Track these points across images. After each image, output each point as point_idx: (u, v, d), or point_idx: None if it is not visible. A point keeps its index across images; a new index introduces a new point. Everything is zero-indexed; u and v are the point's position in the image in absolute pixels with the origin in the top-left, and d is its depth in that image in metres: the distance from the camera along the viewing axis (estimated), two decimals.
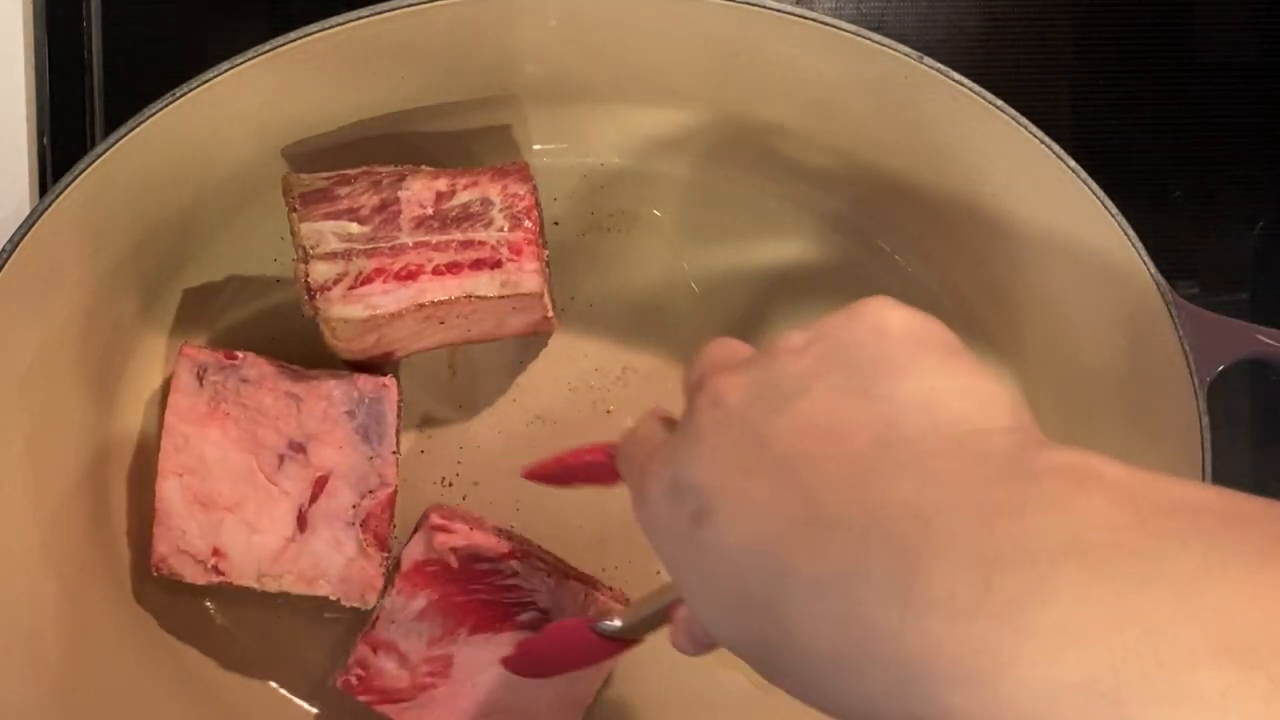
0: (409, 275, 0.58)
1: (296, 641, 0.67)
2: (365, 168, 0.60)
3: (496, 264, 0.59)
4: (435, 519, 0.62)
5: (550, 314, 0.61)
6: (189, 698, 0.65)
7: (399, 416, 0.62)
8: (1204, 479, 0.57)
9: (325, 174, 0.59)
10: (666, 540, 0.36)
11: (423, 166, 0.61)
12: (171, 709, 0.64)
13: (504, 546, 0.62)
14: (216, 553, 0.61)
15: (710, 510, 0.34)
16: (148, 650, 0.65)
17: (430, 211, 0.59)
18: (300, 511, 0.61)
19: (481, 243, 0.59)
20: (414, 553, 0.62)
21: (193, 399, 0.61)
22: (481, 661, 0.63)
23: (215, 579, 0.61)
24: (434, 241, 0.59)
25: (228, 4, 0.67)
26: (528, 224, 0.59)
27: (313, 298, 0.57)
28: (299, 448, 0.61)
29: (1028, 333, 0.67)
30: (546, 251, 0.60)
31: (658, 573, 0.68)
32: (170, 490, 0.61)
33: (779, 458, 0.33)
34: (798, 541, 0.31)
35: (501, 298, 0.59)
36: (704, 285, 0.69)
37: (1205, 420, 0.57)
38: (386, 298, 0.58)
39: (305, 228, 0.58)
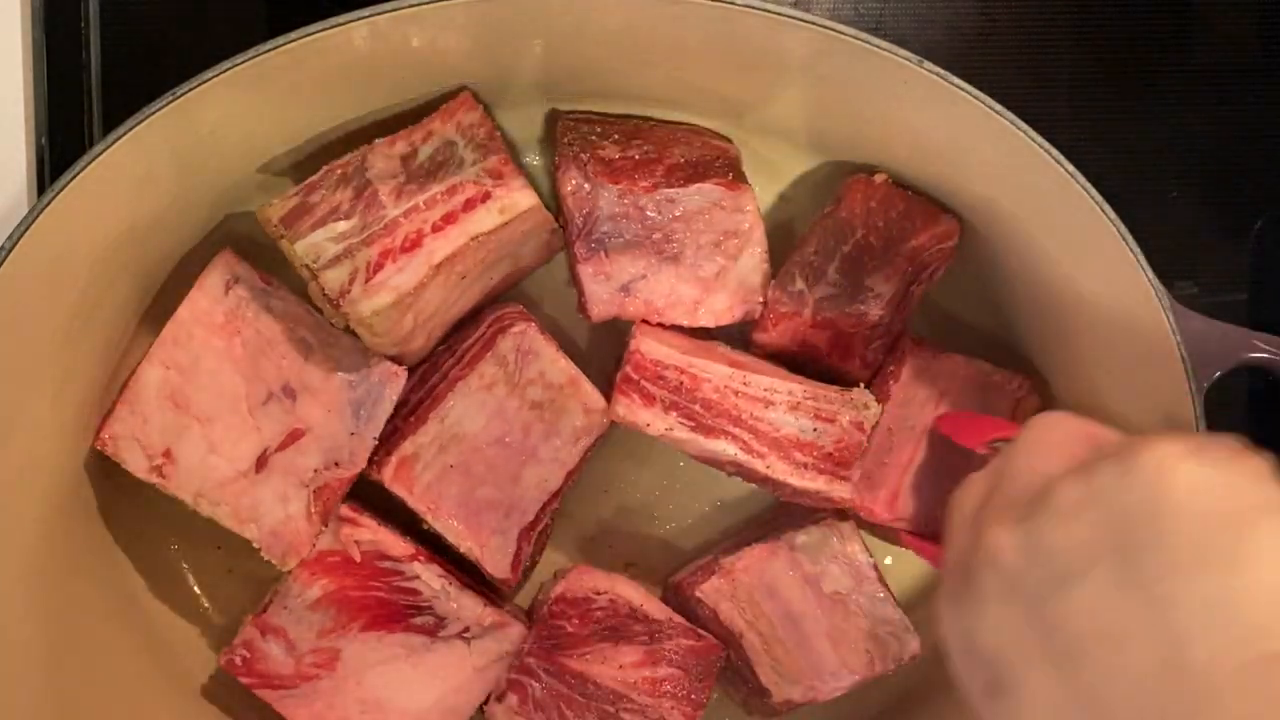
0: (413, 244, 0.58)
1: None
2: (325, 167, 0.60)
3: (486, 196, 0.59)
4: (344, 510, 0.61)
5: (556, 224, 0.63)
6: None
7: (395, 410, 0.62)
8: None
9: (291, 190, 0.59)
10: (966, 686, 0.38)
11: (375, 141, 0.61)
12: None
13: (409, 548, 0.62)
14: (167, 455, 0.59)
15: (1002, 691, 0.36)
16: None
17: (404, 178, 0.60)
18: (264, 453, 0.61)
19: (463, 184, 0.59)
20: (318, 541, 0.61)
21: (213, 304, 0.61)
22: (369, 660, 0.62)
23: (154, 479, 0.59)
24: (420, 203, 0.59)
25: (226, 5, 0.67)
26: (494, 145, 0.60)
27: (337, 306, 0.58)
28: (290, 393, 0.61)
29: (1024, 338, 0.67)
30: (524, 171, 0.61)
31: (658, 572, 0.69)
32: (150, 377, 0.60)
33: (1062, 653, 0.34)
34: None
35: (505, 224, 0.59)
36: None
37: (1203, 425, 0.57)
38: (402, 274, 0.58)
39: (300, 247, 0.58)
